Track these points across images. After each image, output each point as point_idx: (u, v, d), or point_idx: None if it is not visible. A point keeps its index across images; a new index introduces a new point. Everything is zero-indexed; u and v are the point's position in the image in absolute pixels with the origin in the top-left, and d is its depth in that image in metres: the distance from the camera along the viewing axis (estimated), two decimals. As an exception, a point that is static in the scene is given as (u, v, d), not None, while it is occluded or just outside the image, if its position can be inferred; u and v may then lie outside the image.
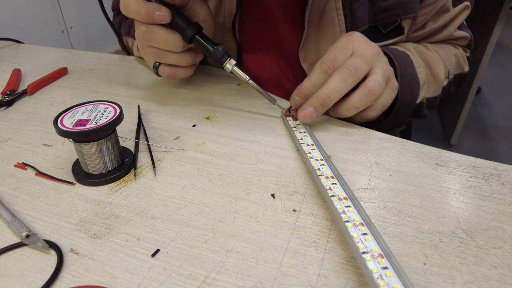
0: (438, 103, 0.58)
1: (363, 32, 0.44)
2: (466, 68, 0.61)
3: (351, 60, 0.40)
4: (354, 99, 0.40)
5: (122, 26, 0.65)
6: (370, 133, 0.43)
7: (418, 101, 0.52)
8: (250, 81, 0.44)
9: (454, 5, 0.55)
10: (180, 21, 0.42)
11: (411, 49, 0.53)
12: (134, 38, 0.59)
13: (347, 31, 0.50)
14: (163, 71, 0.47)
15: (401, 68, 0.47)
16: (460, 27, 0.58)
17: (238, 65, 0.59)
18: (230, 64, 0.44)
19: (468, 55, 0.62)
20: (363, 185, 0.34)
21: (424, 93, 0.53)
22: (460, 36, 0.59)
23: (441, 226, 0.30)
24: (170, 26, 0.43)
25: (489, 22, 1.47)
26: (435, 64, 0.54)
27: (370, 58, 0.41)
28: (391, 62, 0.47)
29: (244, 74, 0.44)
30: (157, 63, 0.46)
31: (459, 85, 0.63)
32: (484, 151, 1.74)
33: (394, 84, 0.45)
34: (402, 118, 0.50)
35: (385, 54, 0.48)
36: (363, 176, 0.35)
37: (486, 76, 2.30)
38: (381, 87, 0.40)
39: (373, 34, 0.43)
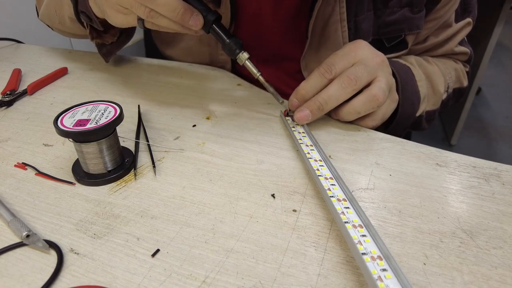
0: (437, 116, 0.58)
1: None
2: (465, 83, 0.62)
3: (353, 69, 0.40)
4: (357, 103, 0.40)
5: None
6: (370, 133, 0.43)
7: (417, 114, 0.52)
8: (260, 77, 0.44)
9: (457, 20, 0.55)
10: (200, 7, 0.40)
11: (413, 62, 0.53)
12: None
13: None
14: (150, 26, 0.41)
15: (403, 81, 0.47)
16: (461, 43, 0.59)
17: (236, 75, 0.59)
18: (243, 57, 0.43)
19: (467, 70, 0.63)
20: (363, 185, 0.34)
21: (424, 107, 0.53)
22: (461, 51, 0.59)
23: (441, 226, 0.30)
24: None
25: (489, 22, 1.47)
26: (436, 78, 0.55)
27: (373, 67, 0.40)
28: (393, 75, 0.47)
29: (256, 69, 0.43)
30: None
31: (457, 99, 0.64)
32: (484, 151, 1.74)
33: (395, 96, 0.45)
34: (401, 130, 0.50)
35: None
36: (363, 176, 0.35)
37: (486, 76, 2.29)
38: (384, 94, 0.40)
39: (377, 47, 0.43)
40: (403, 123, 0.49)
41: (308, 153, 0.37)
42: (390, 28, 0.50)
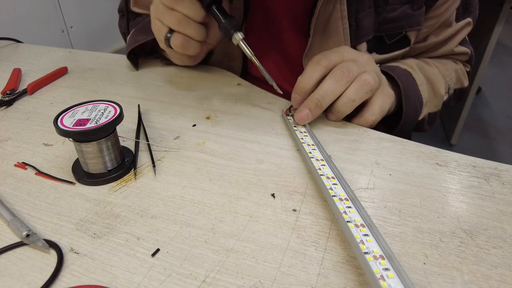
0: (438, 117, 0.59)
1: (368, 42, 0.44)
2: (466, 83, 0.62)
3: (344, 63, 0.41)
4: (350, 91, 0.41)
5: (129, 26, 0.65)
6: (370, 133, 0.43)
7: (420, 118, 0.52)
8: (253, 57, 0.45)
9: (457, 20, 0.55)
10: None
11: (413, 66, 0.53)
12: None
13: (351, 40, 0.51)
14: (176, 39, 0.45)
15: (405, 88, 0.48)
16: (461, 43, 0.59)
17: (244, 71, 0.59)
18: (237, 37, 0.44)
19: (468, 70, 0.62)
20: (363, 184, 0.34)
21: (426, 110, 0.54)
22: (461, 51, 0.59)
23: (441, 226, 0.30)
24: None
25: (489, 22, 1.46)
26: (436, 80, 0.55)
27: (361, 63, 0.42)
28: (395, 82, 0.48)
29: (250, 50, 0.44)
30: (169, 34, 0.45)
31: (458, 100, 0.64)
32: (484, 151, 1.74)
33: (389, 91, 0.46)
34: (404, 134, 0.51)
35: (387, 74, 0.48)
36: (363, 176, 0.35)
37: (486, 76, 2.30)
38: (375, 79, 0.41)
39: (378, 45, 0.44)
40: (406, 128, 0.50)
41: (310, 152, 0.37)
42: (391, 24, 0.51)
